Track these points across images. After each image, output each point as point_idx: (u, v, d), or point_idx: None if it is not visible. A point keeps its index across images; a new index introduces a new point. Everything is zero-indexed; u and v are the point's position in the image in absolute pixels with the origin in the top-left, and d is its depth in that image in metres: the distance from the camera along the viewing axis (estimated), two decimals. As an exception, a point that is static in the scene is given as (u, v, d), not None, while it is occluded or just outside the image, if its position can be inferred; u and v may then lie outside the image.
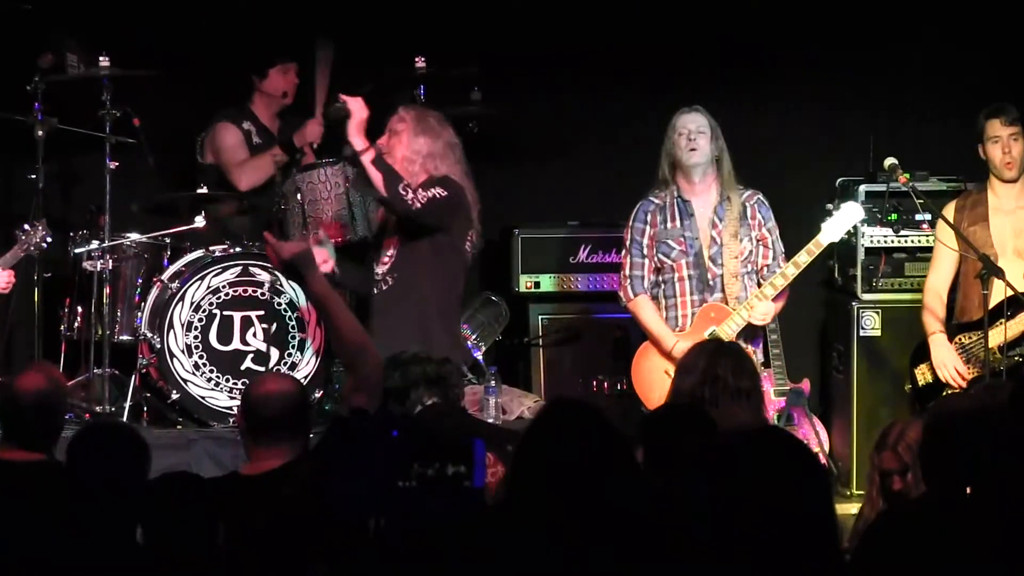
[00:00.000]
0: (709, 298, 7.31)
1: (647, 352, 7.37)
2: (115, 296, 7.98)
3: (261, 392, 5.09)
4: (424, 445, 3.51)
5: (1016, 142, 7.38)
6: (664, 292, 7.37)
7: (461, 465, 3.48)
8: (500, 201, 8.56)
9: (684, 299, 7.32)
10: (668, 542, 3.73)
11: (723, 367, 5.66)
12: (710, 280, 7.30)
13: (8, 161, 8.68)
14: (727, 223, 7.32)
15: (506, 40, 8.83)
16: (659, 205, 7.36)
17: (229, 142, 8.43)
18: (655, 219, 7.35)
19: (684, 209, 7.35)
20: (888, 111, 9.06)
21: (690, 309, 7.31)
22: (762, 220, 7.42)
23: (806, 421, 8.65)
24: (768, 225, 7.44)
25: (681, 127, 7.33)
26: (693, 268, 7.32)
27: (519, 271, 8.84)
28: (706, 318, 7.27)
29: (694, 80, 8.96)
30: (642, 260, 7.36)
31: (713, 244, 7.33)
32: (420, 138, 7.51)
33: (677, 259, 7.31)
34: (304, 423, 5.02)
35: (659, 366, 7.30)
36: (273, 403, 4.99)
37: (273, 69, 8.53)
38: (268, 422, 4.98)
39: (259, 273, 7.96)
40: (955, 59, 9.06)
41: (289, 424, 4.96)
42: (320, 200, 8.09)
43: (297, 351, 7.98)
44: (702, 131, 7.33)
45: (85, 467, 4.37)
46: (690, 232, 7.32)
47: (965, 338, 7.39)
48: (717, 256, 7.31)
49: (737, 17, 9.04)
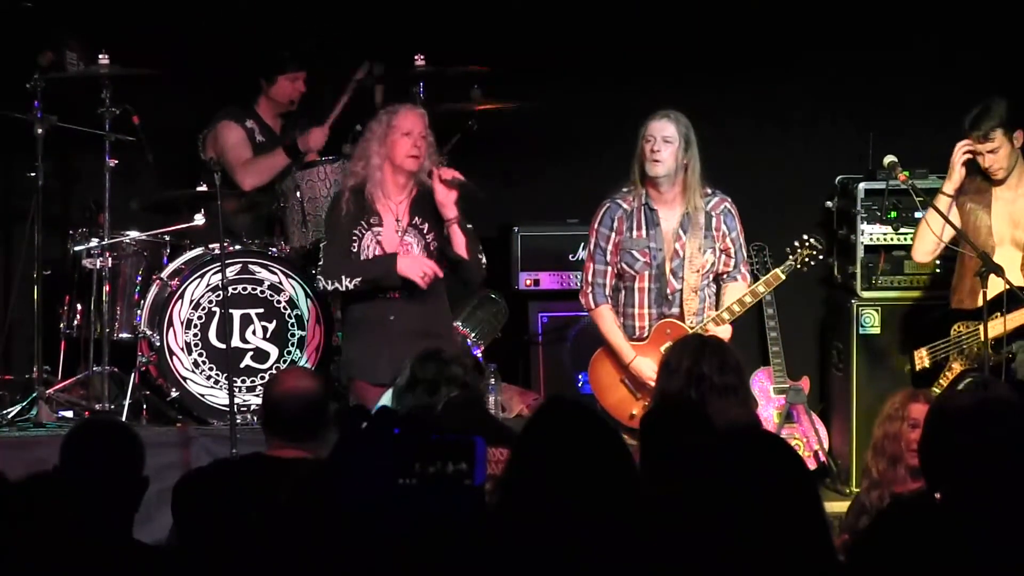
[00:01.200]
0: (667, 312, 7.25)
1: (604, 357, 7.34)
2: (115, 294, 7.99)
3: (281, 390, 5.14)
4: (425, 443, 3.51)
5: (995, 153, 7.37)
6: (623, 300, 7.30)
7: (462, 463, 3.48)
8: (500, 199, 8.57)
9: (643, 311, 7.27)
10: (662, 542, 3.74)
11: (707, 365, 5.65)
12: (669, 294, 7.23)
13: (8, 159, 8.68)
14: (691, 235, 7.23)
15: (506, 38, 8.82)
16: (626, 211, 7.25)
17: (232, 140, 8.43)
18: (621, 226, 7.25)
19: (651, 218, 7.24)
20: (888, 110, 9.06)
21: (647, 321, 7.26)
22: (727, 231, 7.31)
23: (806, 419, 8.67)
24: (732, 235, 7.33)
25: (648, 134, 7.19)
26: (654, 281, 7.24)
27: (518, 269, 8.85)
28: (662, 334, 7.19)
29: (694, 80, 8.97)
30: (604, 267, 7.28)
31: (676, 257, 7.23)
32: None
33: (640, 270, 7.24)
34: (324, 423, 5.08)
35: (614, 372, 7.30)
36: (292, 402, 5.07)
37: (283, 76, 8.52)
38: (287, 422, 5.06)
39: (258, 271, 7.96)
40: (954, 58, 9.07)
41: (308, 424, 5.03)
42: (319, 197, 8.10)
43: (296, 349, 7.98)
44: (668, 140, 7.19)
45: (78, 464, 4.37)
46: (655, 243, 7.23)
47: (962, 327, 7.41)
48: (679, 269, 7.23)
49: (737, 18, 9.04)
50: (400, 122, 7.31)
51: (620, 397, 7.24)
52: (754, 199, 8.72)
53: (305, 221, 8.09)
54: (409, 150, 7.30)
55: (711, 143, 9.08)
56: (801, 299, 9.03)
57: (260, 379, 7.87)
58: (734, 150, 9.11)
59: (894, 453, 6.14)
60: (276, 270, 7.98)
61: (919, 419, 5.73)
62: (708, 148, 9.04)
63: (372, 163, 7.35)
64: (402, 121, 7.32)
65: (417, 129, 7.31)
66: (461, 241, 7.31)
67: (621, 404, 7.22)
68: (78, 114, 8.01)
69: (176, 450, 7.51)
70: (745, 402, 5.78)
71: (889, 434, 6.17)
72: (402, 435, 3.48)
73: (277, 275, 7.98)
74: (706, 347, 5.80)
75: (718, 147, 9.10)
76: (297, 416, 5.13)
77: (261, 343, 7.96)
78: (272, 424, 5.19)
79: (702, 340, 6.14)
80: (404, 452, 3.51)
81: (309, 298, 7.98)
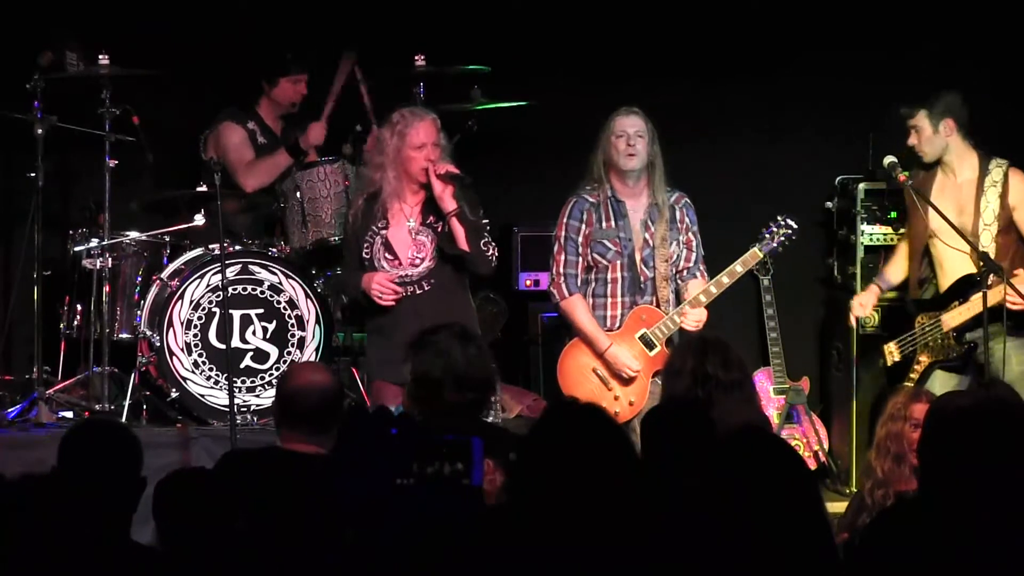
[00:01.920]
0: (640, 300, 7.29)
1: (575, 350, 7.35)
2: (115, 294, 7.98)
3: (296, 384, 5.14)
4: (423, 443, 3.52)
5: (917, 133, 7.56)
6: (595, 291, 7.34)
7: (459, 463, 3.48)
8: (500, 199, 8.57)
9: (615, 300, 7.31)
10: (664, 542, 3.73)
11: (712, 364, 5.66)
12: (642, 282, 7.28)
13: (8, 159, 8.68)
14: (659, 226, 7.29)
15: (506, 38, 8.83)
16: (593, 203, 7.32)
17: (234, 141, 8.43)
18: (590, 217, 7.31)
19: (618, 209, 7.32)
20: (888, 111, 9.05)
21: (620, 310, 7.30)
22: (689, 223, 7.40)
23: (805, 419, 8.67)
24: (694, 228, 7.42)
25: (620, 129, 7.27)
26: (627, 270, 7.30)
27: (518, 269, 8.85)
28: (637, 320, 7.25)
29: (694, 80, 8.98)
30: (576, 259, 7.32)
31: (646, 246, 7.30)
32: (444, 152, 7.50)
33: (612, 260, 7.29)
34: (338, 417, 5.09)
35: (587, 364, 7.31)
36: (307, 396, 5.08)
37: (285, 78, 8.51)
38: (301, 416, 5.06)
39: (258, 271, 7.96)
40: (954, 59, 9.06)
41: (323, 418, 5.03)
42: (319, 198, 8.09)
43: (296, 349, 7.98)
44: (640, 135, 7.26)
45: (76, 465, 4.37)
46: (624, 233, 7.30)
47: (924, 318, 7.54)
48: (649, 259, 7.29)
49: (737, 19, 9.04)
50: (412, 137, 7.34)
51: (590, 390, 7.26)
52: (754, 200, 8.74)
53: (305, 221, 8.08)
54: (422, 163, 7.34)
55: (711, 143, 9.14)
56: (801, 299, 9.03)
57: (260, 380, 7.87)
58: (735, 151, 9.12)
59: (898, 452, 6.15)
60: (276, 270, 7.97)
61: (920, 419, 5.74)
62: (708, 149, 9.10)
63: (388, 176, 7.41)
64: (414, 136, 7.34)
65: (430, 139, 7.35)
66: (461, 234, 7.32)
67: (591, 398, 7.24)
68: (78, 114, 8.02)
69: (176, 451, 7.51)
70: (751, 398, 5.81)
71: (892, 433, 6.18)
72: (400, 435, 3.48)
73: (277, 275, 7.97)
74: (708, 345, 5.82)
75: (718, 148, 9.15)
76: (313, 409, 5.13)
77: (261, 343, 7.96)
78: (287, 418, 5.18)
79: (703, 339, 6.16)
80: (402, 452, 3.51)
81: (309, 298, 7.98)
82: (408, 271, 7.44)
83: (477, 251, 7.35)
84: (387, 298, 7.34)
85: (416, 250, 7.40)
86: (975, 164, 7.56)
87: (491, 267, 7.46)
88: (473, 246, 7.34)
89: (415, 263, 7.44)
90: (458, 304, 7.44)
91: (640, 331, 7.27)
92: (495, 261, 7.45)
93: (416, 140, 7.33)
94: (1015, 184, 7.50)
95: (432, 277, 7.44)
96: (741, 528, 3.63)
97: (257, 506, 4.36)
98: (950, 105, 7.54)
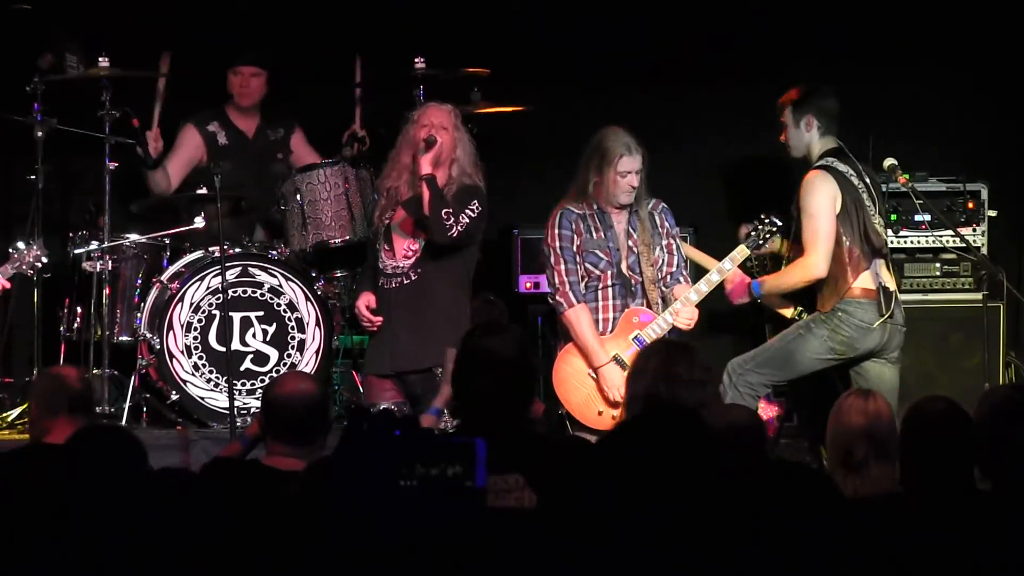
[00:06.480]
0: (632, 303, 7.33)
1: (569, 356, 7.36)
2: (114, 297, 7.99)
3: (281, 393, 5.13)
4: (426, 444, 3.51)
5: (784, 128, 7.63)
6: (586, 298, 7.36)
7: (463, 465, 3.48)
8: (500, 202, 8.56)
9: (607, 303, 7.34)
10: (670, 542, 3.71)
11: (676, 363, 5.64)
12: (633, 286, 7.33)
13: (8, 162, 8.68)
14: (640, 233, 7.35)
15: (506, 41, 8.83)
16: (580, 215, 7.38)
17: (177, 142, 8.45)
18: (579, 228, 7.36)
19: (604, 221, 7.38)
20: (888, 112, 9.06)
21: (612, 313, 7.34)
22: (669, 228, 7.47)
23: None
24: (674, 232, 7.49)
25: (624, 170, 7.29)
26: (617, 277, 7.35)
27: (518, 271, 8.85)
28: (629, 322, 7.29)
29: (694, 82, 8.98)
30: (575, 267, 7.35)
31: (631, 254, 7.36)
32: (459, 144, 7.57)
33: (604, 269, 7.34)
34: (324, 427, 5.08)
35: (581, 370, 7.31)
36: (293, 405, 5.06)
37: (230, 71, 8.51)
38: (287, 424, 5.05)
39: (258, 274, 7.96)
40: (953, 60, 9.07)
41: (308, 427, 5.02)
42: (320, 201, 8.09)
43: (297, 352, 7.98)
44: (639, 172, 7.32)
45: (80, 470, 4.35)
46: (612, 243, 7.37)
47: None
48: (635, 265, 7.35)
49: (737, 20, 9.04)
50: (421, 117, 7.61)
51: (587, 394, 7.27)
52: (755, 201, 8.72)
53: (305, 224, 8.08)
54: (422, 134, 7.59)
55: (711, 146, 9.15)
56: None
57: (260, 382, 7.87)
58: (735, 154, 9.12)
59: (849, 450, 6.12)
60: (276, 273, 7.98)
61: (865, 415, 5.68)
62: (709, 151, 9.11)
63: (404, 179, 7.66)
64: (422, 116, 7.60)
65: (437, 120, 7.60)
66: (425, 198, 7.47)
67: (588, 401, 7.26)
68: (78, 117, 8.02)
69: (176, 453, 7.50)
70: (718, 396, 5.84)
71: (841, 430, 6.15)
72: (403, 437, 3.48)
73: (277, 278, 7.98)
74: (672, 346, 5.86)
75: (719, 150, 9.15)
76: (298, 419, 5.12)
77: (261, 346, 7.96)
78: (272, 427, 5.17)
79: (667, 341, 6.38)
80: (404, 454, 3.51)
81: (309, 301, 7.98)
82: (400, 263, 7.53)
83: (435, 216, 7.47)
84: (364, 324, 7.67)
85: (413, 242, 7.55)
86: None
87: (447, 236, 7.50)
88: (433, 211, 7.43)
89: (407, 255, 7.55)
90: (442, 296, 7.52)
91: (633, 332, 7.29)
92: (455, 233, 7.50)
93: (423, 120, 7.57)
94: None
95: (419, 266, 7.57)
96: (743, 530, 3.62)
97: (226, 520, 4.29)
98: (813, 100, 7.54)
